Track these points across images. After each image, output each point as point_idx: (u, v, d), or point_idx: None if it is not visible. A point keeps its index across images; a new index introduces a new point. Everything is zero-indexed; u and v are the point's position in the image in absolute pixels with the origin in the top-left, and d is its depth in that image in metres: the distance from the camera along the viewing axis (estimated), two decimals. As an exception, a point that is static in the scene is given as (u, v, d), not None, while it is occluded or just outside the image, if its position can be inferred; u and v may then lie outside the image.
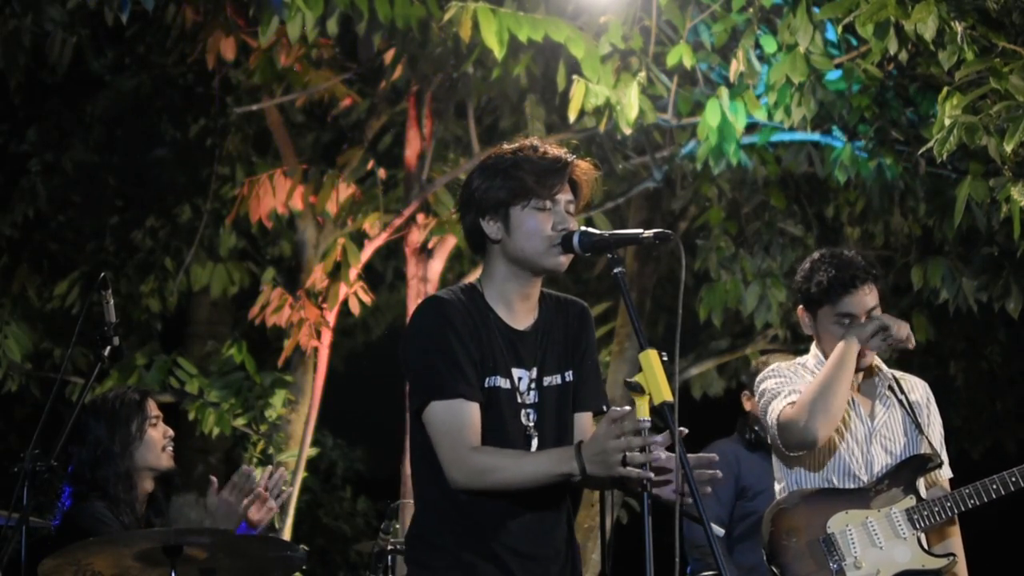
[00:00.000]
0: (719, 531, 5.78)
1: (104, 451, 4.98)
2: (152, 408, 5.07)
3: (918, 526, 4.60)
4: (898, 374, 4.82)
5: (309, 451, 8.06)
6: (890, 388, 4.75)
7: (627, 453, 3.36)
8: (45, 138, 9.16)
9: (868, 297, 4.61)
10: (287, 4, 6.64)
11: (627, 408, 3.42)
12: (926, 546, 4.60)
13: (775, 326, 8.90)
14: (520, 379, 3.68)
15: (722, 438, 6.54)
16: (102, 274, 4.52)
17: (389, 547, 5.94)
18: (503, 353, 3.66)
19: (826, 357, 4.65)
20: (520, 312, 3.73)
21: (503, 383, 3.65)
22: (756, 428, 6.36)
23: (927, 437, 4.72)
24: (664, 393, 3.35)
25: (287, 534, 7.78)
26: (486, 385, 3.63)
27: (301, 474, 7.90)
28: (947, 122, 5.58)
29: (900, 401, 4.74)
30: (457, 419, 3.55)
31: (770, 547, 4.61)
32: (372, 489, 13.04)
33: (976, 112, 5.64)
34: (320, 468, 12.65)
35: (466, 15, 6.31)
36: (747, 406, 6.54)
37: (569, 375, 3.74)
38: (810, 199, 9.14)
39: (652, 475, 3.38)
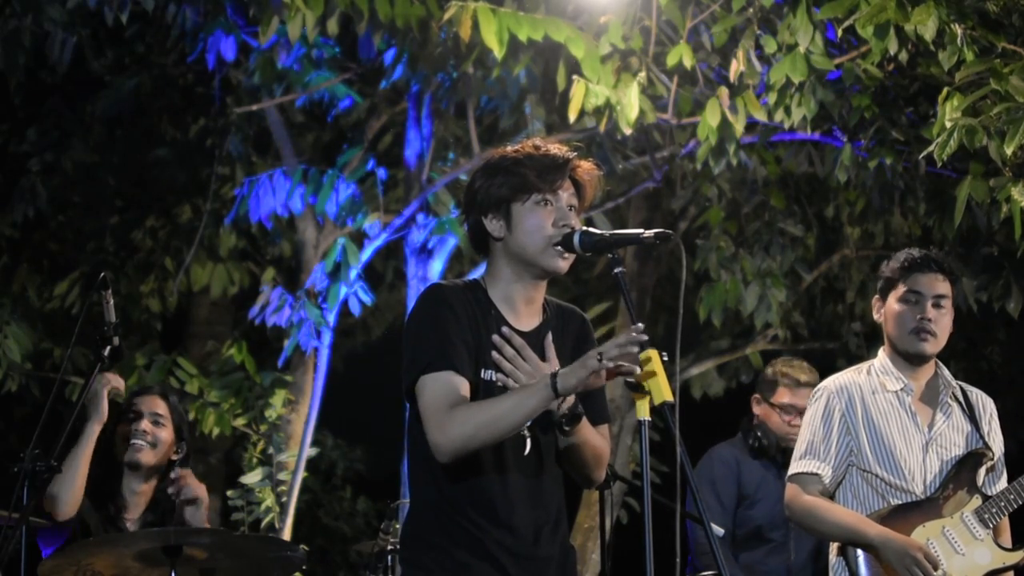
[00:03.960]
0: (719, 531, 5.77)
1: (103, 440, 5.03)
2: (141, 404, 5.07)
3: (989, 524, 4.70)
4: (966, 386, 4.88)
5: (309, 451, 8.05)
6: (954, 398, 4.81)
7: (602, 354, 3.39)
8: (45, 138, 9.15)
9: (940, 284, 4.75)
10: (287, 4, 6.64)
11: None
12: (1001, 543, 4.71)
13: (775, 326, 8.89)
14: None
15: (723, 441, 6.49)
16: (102, 274, 4.52)
17: (389, 547, 5.94)
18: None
19: (893, 347, 4.77)
20: (524, 313, 3.73)
21: (498, 378, 3.64)
22: (759, 435, 6.27)
23: (988, 445, 4.79)
24: (664, 393, 3.36)
25: (287, 534, 7.78)
26: (482, 377, 3.63)
27: (301, 474, 7.89)
28: (947, 124, 5.58)
29: (963, 411, 4.79)
30: (443, 390, 3.54)
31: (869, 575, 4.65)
32: (372, 489, 13.04)
33: (976, 113, 5.64)
34: (320, 468, 12.64)
35: (466, 15, 6.31)
36: (756, 410, 6.37)
37: None
38: (810, 199, 9.14)
39: (635, 368, 3.39)
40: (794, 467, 4.78)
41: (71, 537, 4.80)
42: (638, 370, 3.38)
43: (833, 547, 4.77)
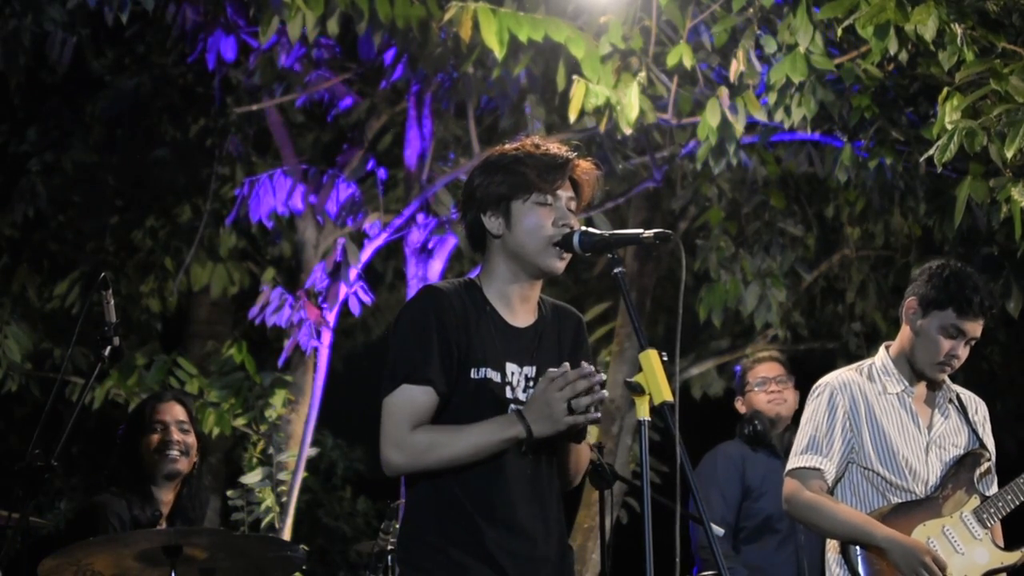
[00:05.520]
0: (719, 531, 5.79)
1: (119, 452, 5.05)
2: (158, 414, 5.09)
3: (987, 524, 4.71)
4: (960, 389, 4.88)
5: (309, 451, 8.05)
6: (950, 401, 4.82)
7: (571, 401, 3.44)
8: (45, 138, 9.14)
9: (980, 327, 4.70)
10: (287, 4, 6.64)
11: (564, 366, 3.49)
12: (998, 543, 4.72)
13: (775, 326, 8.89)
14: (513, 374, 3.67)
15: (724, 440, 6.55)
16: (102, 274, 4.52)
17: (389, 547, 5.95)
18: (496, 346, 3.66)
19: (907, 358, 4.74)
20: (519, 311, 3.73)
21: (493, 375, 3.64)
22: (755, 423, 6.38)
23: (985, 446, 4.82)
24: (664, 393, 3.36)
25: (287, 534, 7.78)
26: (473, 376, 3.63)
27: (301, 474, 7.89)
28: (948, 126, 5.58)
29: (959, 413, 4.80)
30: (410, 402, 3.58)
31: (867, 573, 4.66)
32: (372, 489, 13.02)
33: (976, 114, 5.64)
34: (320, 468, 12.63)
35: (466, 15, 6.31)
36: (741, 408, 6.56)
37: None
38: (810, 199, 9.14)
39: (599, 415, 3.48)
40: (794, 461, 4.74)
41: None
42: (599, 416, 3.51)
43: (832, 544, 4.76)
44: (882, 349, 4.86)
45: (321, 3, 6.67)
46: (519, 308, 3.73)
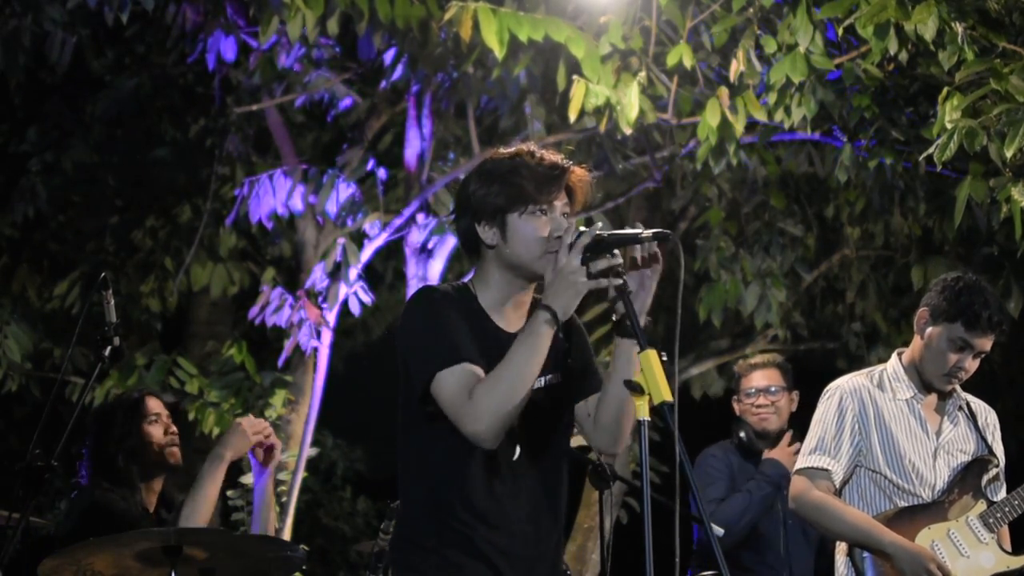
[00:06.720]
0: (719, 531, 5.78)
1: (121, 446, 5.05)
2: (153, 407, 5.11)
3: (994, 528, 4.73)
4: (970, 398, 4.90)
5: (309, 451, 8.05)
6: (960, 408, 4.83)
7: (589, 266, 3.45)
8: (45, 138, 9.15)
9: (990, 342, 4.76)
10: (287, 4, 6.64)
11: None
12: (1005, 547, 4.74)
13: (775, 326, 8.90)
14: None
15: (717, 443, 6.51)
16: (102, 274, 4.53)
17: (389, 547, 5.95)
18: (492, 354, 3.62)
19: (916, 367, 4.75)
20: (512, 318, 3.72)
21: None
22: (741, 434, 6.31)
23: (994, 452, 4.83)
24: (664, 393, 3.35)
25: (287, 534, 7.78)
26: None
27: (301, 474, 7.89)
28: (948, 125, 5.58)
29: (968, 420, 4.81)
30: (460, 381, 3.52)
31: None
32: (372, 489, 13.04)
33: (976, 113, 5.64)
34: (320, 468, 12.65)
35: (466, 15, 6.31)
36: (736, 410, 6.51)
37: (556, 377, 3.73)
38: (810, 199, 9.14)
39: (621, 281, 3.51)
40: (803, 461, 4.78)
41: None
42: (620, 260, 3.52)
43: (840, 547, 4.77)
44: (894, 356, 4.88)
45: (321, 3, 6.67)
46: (513, 314, 3.72)
